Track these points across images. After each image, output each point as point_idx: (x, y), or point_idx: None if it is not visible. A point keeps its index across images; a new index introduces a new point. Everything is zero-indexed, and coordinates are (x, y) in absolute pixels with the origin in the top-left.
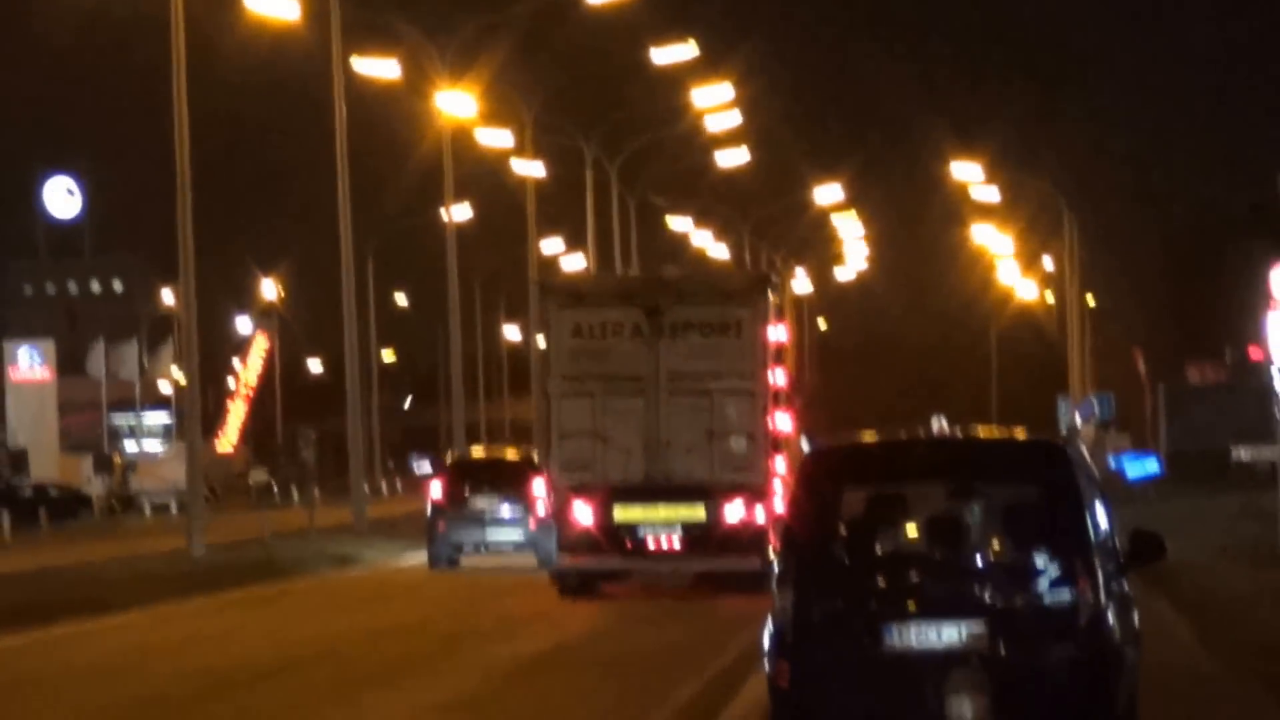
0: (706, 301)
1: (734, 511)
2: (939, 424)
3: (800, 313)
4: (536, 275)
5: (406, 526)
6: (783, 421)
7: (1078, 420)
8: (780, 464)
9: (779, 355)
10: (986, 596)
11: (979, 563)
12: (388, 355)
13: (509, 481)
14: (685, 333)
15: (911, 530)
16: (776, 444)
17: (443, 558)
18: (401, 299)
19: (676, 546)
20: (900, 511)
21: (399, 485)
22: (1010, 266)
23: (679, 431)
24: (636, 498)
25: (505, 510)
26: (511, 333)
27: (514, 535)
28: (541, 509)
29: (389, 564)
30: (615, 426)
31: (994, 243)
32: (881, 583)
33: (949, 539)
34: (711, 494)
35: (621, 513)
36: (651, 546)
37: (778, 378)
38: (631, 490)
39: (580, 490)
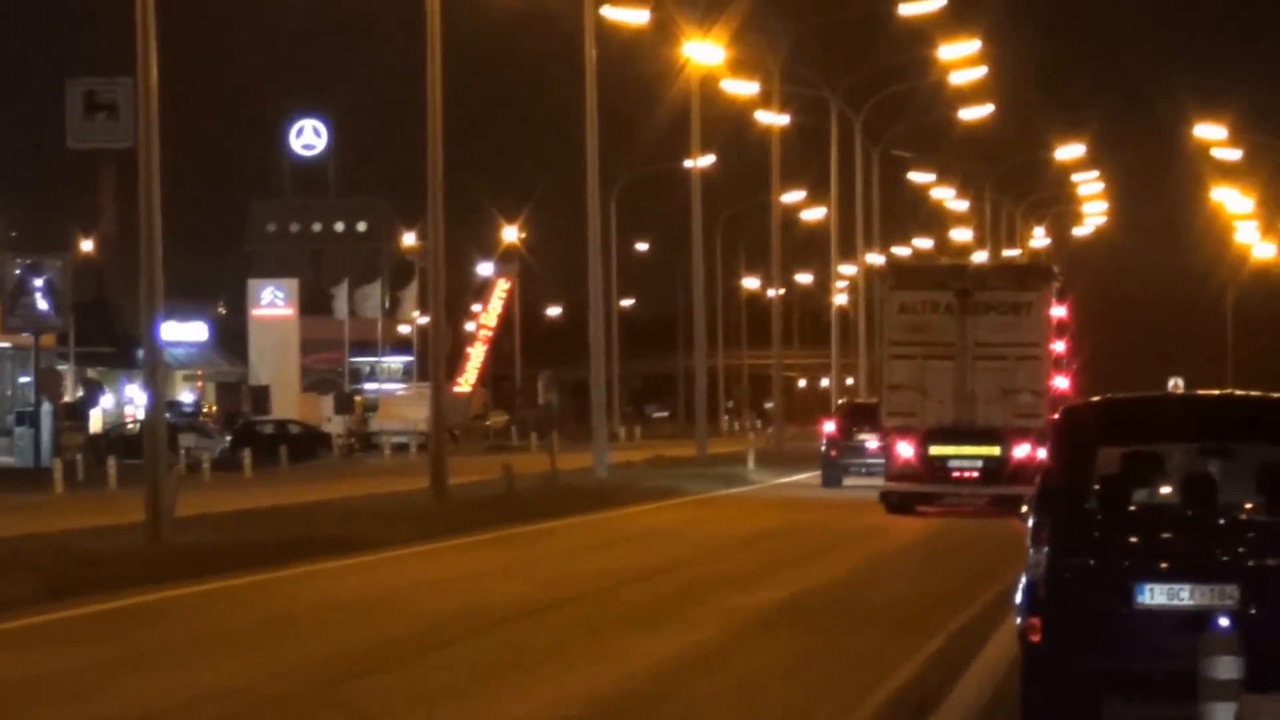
0: (1003, 287)
1: (1021, 450)
2: (1176, 386)
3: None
4: (880, 265)
5: (649, 472)
6: (1061, 382)
7: None
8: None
9: (1060, 329)
10: (1241, 557)
11: (1233, 523)
12: (627, 302)
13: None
14: (987, 311)
15: (1165, 488)
16: (1055, 400)
17: (833, 479)
18: (641, 246)
19: (976, 476)
20: (1154, 469)
21: (637, 431)
22: (1250, 227)
23: (981, 387)
24: (947, 438)
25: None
26: (750, 282)
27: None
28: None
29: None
30: (932, 382)
31: (1234, 203)
32: (1135, 540)
33: (1203, 498)
34: (1005, 436)
35: (935, 449)
36: (957, 475)
37: (1058, 347)
38: (943, 432)
39: (904, 431)
